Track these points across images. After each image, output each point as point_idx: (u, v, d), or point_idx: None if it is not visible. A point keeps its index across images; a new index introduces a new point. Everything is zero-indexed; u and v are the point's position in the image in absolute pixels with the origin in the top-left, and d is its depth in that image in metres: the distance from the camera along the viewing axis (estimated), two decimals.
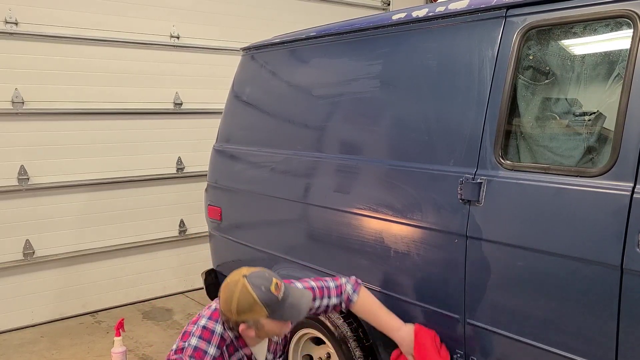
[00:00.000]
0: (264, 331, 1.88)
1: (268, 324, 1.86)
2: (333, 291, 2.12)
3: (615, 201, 1.55)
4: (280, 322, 1.89)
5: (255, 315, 1.83)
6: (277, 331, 1.91)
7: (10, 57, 3.90)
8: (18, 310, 4.09)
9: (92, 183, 4.30)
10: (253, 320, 1.85)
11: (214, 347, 1.89)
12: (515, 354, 1.82)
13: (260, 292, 1.83)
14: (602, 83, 1.77)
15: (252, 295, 1.82)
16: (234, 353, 1.95)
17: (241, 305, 1.83)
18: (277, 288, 1.86)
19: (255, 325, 1.86)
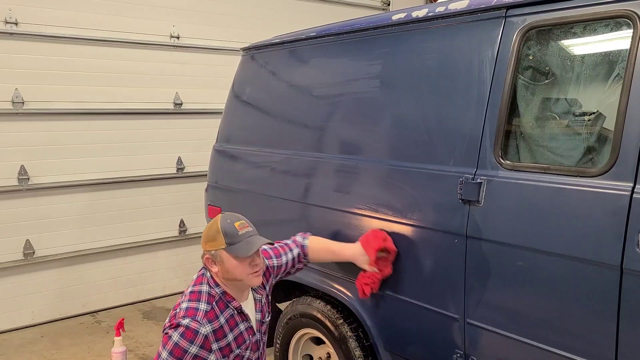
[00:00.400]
0: (224, 268, 1.96)
1: (227, 258, 1.95)
2: (292, 244, 2.32)
3: (615, 201, 1.55)
4: (237, 260, 1.95)
5: (216, 244, 1.96)
6: (237, 272, 1.96)
7: (10, 57, 3.90)
8: (18, 310, 4.10)
9: (92, 183, 4.31)
10: (215, 251, 1.96)
11: (204, 302, 1.97)
12: (515, 354, 1.82)
13: (225, 223, 1.98)
14: (602, 83, 1.77)
15: (218, 224, 1.98)
16: (225, 309, 2.01)
17: (209, 234, 1.99)
18: (242, 226, 1.99)
19: (216, 258, 1.97)
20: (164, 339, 1.92)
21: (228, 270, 1.97)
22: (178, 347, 1.88)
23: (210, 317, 1.95)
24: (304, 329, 2.63)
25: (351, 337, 2.37)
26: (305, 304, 2.60)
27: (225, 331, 1.99)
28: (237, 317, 2.04)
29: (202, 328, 1.91)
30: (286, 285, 2.80)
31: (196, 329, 1.90)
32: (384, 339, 2.29)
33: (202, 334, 1.91)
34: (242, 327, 2.05)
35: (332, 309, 2.47)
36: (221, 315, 1.99)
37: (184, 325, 1.90)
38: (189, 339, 1.89)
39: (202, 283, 2.03)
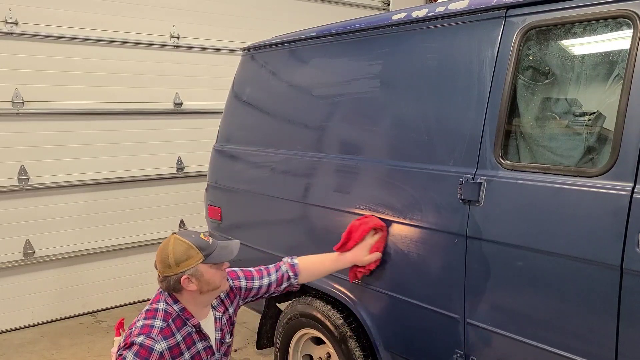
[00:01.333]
0: (204, 280, 1.92)
1: (206, 270, 1.92)
2: (272, 269, 2.24)
3: (615, 201, 1.55)
4: (216, 268, 1.95)
5: (192, 261, 1.90)
6: (217, 280, 1.96)
7: (10, 57, 3.90)
8: (18, 310, 4.10)
9: (92, 183, 4.31)
10: (192, 268, 1.90)
11: (160, 320, 1.92)
12: (515, 354, 1.82)
13: (192, 239, 1.94)
14: (602, 83, 1.77)
15: (186, 242, 1.92)
16: (182, 327, 1.96)
17: (177, 255, 1.90)
18: (205, 236, 1.98)
19: (194, 275, 1.91)
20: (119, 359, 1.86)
21: (209, 282, 1.94)
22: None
23: (165, 333, 1.90)
24: (304, 329, 2.63)
25: (351, 337, 2.37)
26: (305, 304, 2.60)
27: (182, 349, 1.94)
28: (195, 336, 1.99)
29: (157, 345, 1.86)
30: None
31: (150, 346, 1.84)
32: (384, 339, 2.29)
33: (157, 350, 1.85)
34: (200, 346, 2.00)
35: (332, 309, 2.47)
36: (177, 333, 1.93)
37: (137, 343, 1.84)
38: (143, 356, 1.83)
39: (160, 301, 1.97)
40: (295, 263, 2.26)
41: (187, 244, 1.92)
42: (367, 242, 2.20)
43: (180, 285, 1.92)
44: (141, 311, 1.99)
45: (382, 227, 2.18)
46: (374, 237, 2.20)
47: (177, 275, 1.91)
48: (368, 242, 2.20)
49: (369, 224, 2.18)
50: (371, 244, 2.19)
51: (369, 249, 2.19)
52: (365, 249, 2.20)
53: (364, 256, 2.20)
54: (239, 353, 3.68)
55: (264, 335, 2.94)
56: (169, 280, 1.93)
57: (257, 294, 2.22)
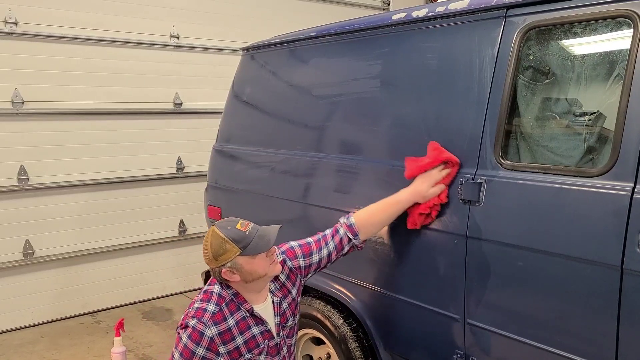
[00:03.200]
0: (245, 272, 1.90)
1: (245, 262, 1.89)
2: (329, 235, 2.14)
3: (615, 201, 1.55)
4: (256, 258, 1.90)
5: (230, 254, 1.87)
6: (259, 270, 1.91)
7: (10, 57, 3.90)
8: (18, 310, 4.09)
9: (92, 183, 4.30)
10: (230, 261, 1.88)
11: (213, 304, 1.94)
12: (515, 354, 1.82)
13: (227, 231, 1.89)
14: (602, 83, 1.77)
15: (221, 236, 1.89)
16: (236, 311, 1.96)
17: (215, 249, 1.89)
18: (243, 225, 1.92)
19: (234, 267, 1.89)
20: (177, 338, 1.92)
21: (251, 272, 1.91)
22: (186, 349, 1.88)
23: (217, 319, 1.92)
24: (304, 329, 2.63)
25: (351, 337, 2.37)
26: (305, 304, 2.60)
27: (234, 334, 1.94)
28: (250, 320, 1.97)
29: (207, 330, 1.88)
30: None
31: (201, 331, 1.88)
32: (384, 339, 2.29)
33: (208, 336, 1.88)
34: (256, 330, 1.98)
35: (332, 309, 2.47)
36: (230, 318, 1.94)
37: (190, 326, 1.89)
38: (195, 340, 1.88)
39: (216, 283, 1.99)
40: (352, 223, 2.10)
41: (222, 238, 1.89)
42: (432, 175, 1.96)
43: (223, 278, 1.92)
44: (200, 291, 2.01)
45: (455, 162, 1.93)
46: (441, 172, 1.95)
47: (218, 269, 1.91)
48: (433, 174, 1.96)
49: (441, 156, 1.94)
50: (437, 179, 1.95)
51: (432, 183, 1.95)
52: (429, 182, 1.96)
53: (426, 190, 1.97)
54: None
55: None
56: (214, 272, 1.94)
57: (319, 267, 2.14)
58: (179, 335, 1.91)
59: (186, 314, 1.95)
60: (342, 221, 2.13)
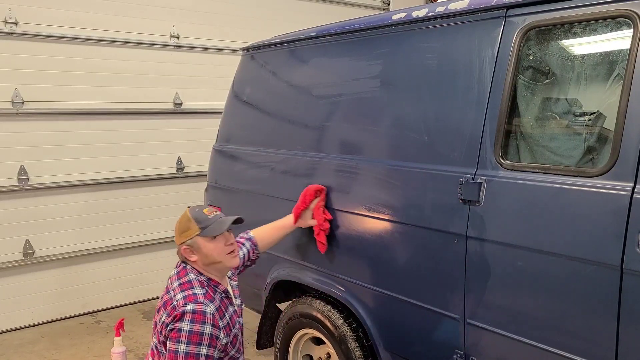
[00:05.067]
0: (202, 254, 2.05)
1: (203, 244, 2.04)
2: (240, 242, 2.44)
3: (615, 201, 1.55)
4: (213, 243, 2.05)
5: (190, 232, 2.05)
6: (214, 254, 2.06)
7: (10, 57, 3.90)
8: (18, 310, 4.09)
9: (92, 183, 4.30)
10: (191, 239, 2.05)
11: (198, 287, 2.04)
12: (515, 354, 1.82)
13: (194, 212, 2.10)
14: (602, 83, 1.77)
15: (188, 215, 2.09)
16: (215, 293, 2.08)
17: (180, 226, 2.09)
18: (209, 211, 2.12)
19: (193, 246, 2.05)
20: (174, 335, 1.90)
21: (207, 255, 2.05)
22: (194, 334, 1.89)
23: (209, 297, 2.01)
24: (304, 329, 2.63)
25: (351, 337, 2.37)
26: (305, 304, 2.60)
27: (223, 311, 2.06)
28: (226, 300, 2.12)
29: (207, 308, 1.95)
30: (286, 285, 2.80)
31: (203, 310, 1.93)
32: (384, 339, 2.29)
33: (210, 312, 1.95)
34: (231, 310, 2.13)
35: (332, 309, 2.47)
36: (215, 298, 2.06)
37: (189, 311, 1.91)
38: (200, 321, 1.91)
39: (188, 274, 2.08)
40: (251, 236, 2.48)
41: (188, 217, 2.08)
42: (307, 210, 2.48)
43: (182, 255, 2.09)
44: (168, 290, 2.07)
45: (321, 189, 2.46)
46: (314, 202, 2.46)
47: (180, 246, 2.08)
48: (308, 210, 2.48)
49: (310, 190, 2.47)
50: (312, 207, 2.46)
51: (309, 216, 2.48)
52: (307, 217, 2.48)
53: (308, 218, 2.48)
54: None
55: (264, 335, 2.93)
56: (178, 250, 2.11)
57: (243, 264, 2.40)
58: (176, 328, 1.90)
59: (171, 308, 1.96)
60: (242, 235, 2.48)
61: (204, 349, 1.90)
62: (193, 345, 1.88)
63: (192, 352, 1.88)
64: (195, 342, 1.88)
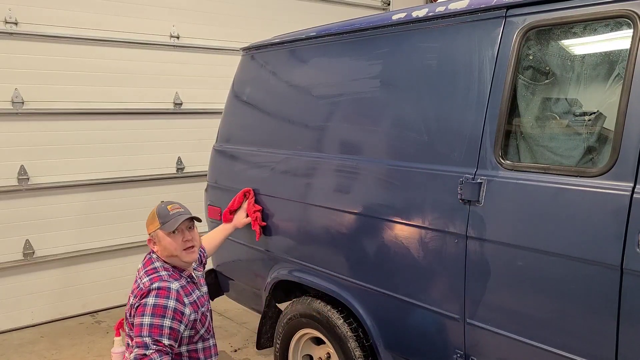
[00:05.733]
0: (162, 245, 2.22)
1: (163, 237, 2.21)
2: None
3: (615, 201, 1.55)
4: (170, 237, 2.20)
5: (154, 226, 2.24)
6: (171, 247, 2.21)
7: (10, 57, 3.90)
8: (18, 310, 4.09)
9: (92, 183, 4.30)
10: (154, 232, 2.24)
11: (163, 271, 2.21)
12: (515, 354, 1.82)
13: (159, 207, 2.29)
14: (602, 83, 1.77)
15: (155, 210, 2.28)
16: (179, 278, 2.23)
17: (148, 219, 2.29)
18: (173, 208, 2.27)
19: (154, 238, 2.25)
20: (139, 310, 2.04)
21: (165, 247, 2.21)
22: (157, 307, 2.03)
23: (174, 277, 2.19)
24: (304, 329, 2.63)
25: (351, 337, 2.37)
26: (305, 304, 2.60)
27: (189, 290, 2.23)
28: (191, 285, 2.27)
29: (172, 284, 2.12)
30: (286, 285, 2.80)
31: (167, 286, 2.10)
32: (384, 339, 2.29)
33: (174, 289, 2.11)
34: (197, 293, 2.28)
35: (332, 309, 2.47)
36: (180, 278, 2.22)
37: (154, 288, 2.08)
38: (164, 295, 2.06)
39: (153, 262, 2.24)
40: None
41: (154, 212, 2.27)
42: (242, 207, 2.82)
43: (149, 245, 2.28)
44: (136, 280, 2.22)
45: (248, 191, 2.85)
46: (244, 204, 2.83)
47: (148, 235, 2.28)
48: (243, 207, 2.82)
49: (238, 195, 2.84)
50: (245, 207, 2.82)
51: (243, 214, 2.82)
52: (241, 215, 2.83)
53: (242, 218, 2.81)
54: (239, 353, 3.68)
55: (264, 335, 2.93)
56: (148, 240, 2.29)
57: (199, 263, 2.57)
58: (141, 304, 2.05)
59: (139, 290, 2.11)
60: None
61: (167, 321, 2.02)
62: (157, 317, 2.00)
63: (156, 324, 1.99)
64: (159, 315, 2.01)
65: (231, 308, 4.33)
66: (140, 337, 1.98)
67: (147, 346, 1.97)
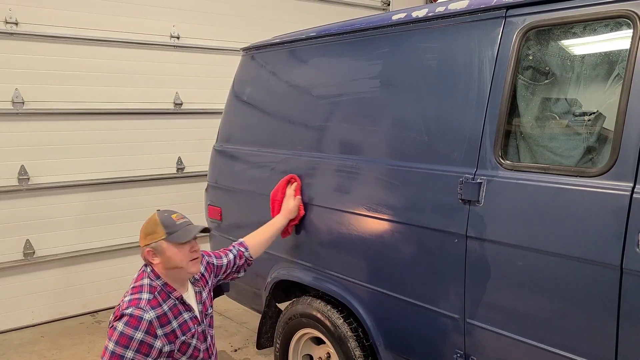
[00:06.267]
0: (165, 257, 2.06)
1: (168, 248, 2.05)
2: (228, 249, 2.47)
3: (615, 201, 1.55)
4: (178, 246, 2.06)
5: (156, 236, 2.06)
6: (177, 259, 2.06)
7: (10, 57, 3.90)
8: (18, 310, 4.10)
9: (92, 183, 4.31)
10: (155, 242, 2.06)
11: (146, 293, 2.04)
12: (515, 354, 1.82)
13: (162, 216, 2.12)
14: (602, 83, 1.77)
15: (156, 219, 2.11)
16: (167, 299, 2.07)
17: (147, 229, 2.11)
18: (178, 217, 2.13)
19: (157, 249, 2.06)
20: (109, 332, 1.98)
21: (169, 259, 2.06)
22: (123, 336, 1.93)
23: (153, 304, 2.02)
24: (304, 329, 2.64)
25: (351, 337, 2.37)
26: (305, 304, 2.60)
27: (169, 318, 2.05)
28: (180, 307, 2.11)
29: (146, 314, 1.98)
30: (286, 285, 2.80)
31: (140, 316, 1.97)
32: (384, 339, 2.29)
33: (146, 319, 1.97)
34: (186, 316, 2.11)
35: (332, 309, 2.47)
36: (164, 304, 2.05)
37: (127, 314, 1.96)
38: (133, 325, 1.95)
39: (143, 278, 2.10)
40: (242, 241, 2.51)
41: (155, 220, 2.10)
42: (288, 194, 2.58)
43: (145, 257, 2.10)
44: (126, 291, 2.10)
45: (293, 177, 2.60)
46: (292, 187, 2.58)
47: (144, 248, 2.09)
48: (288, 193, 2.58)
49: (282, 182, 2.61)
50: (291, 193, 2.57)
51: (291, 198, 2.56)
52: (289, 200, 2.57)
53: (293, 205, 2.55)
54: (239, 353, 3.68)
55: (264, 335, 2.94)
56: (141, 251, 2.11)
57: (226, 271, 2.42)
58: (112, 327, 1.97)
59: (118, 307, 2.01)
60: (234, 243, 2.51)
61: (130, 353, 1.93)
62: (120, 347, 1.93)
63: (117, 353, 1.93)
64: (123, 345, 1.93)
65: (231, 308, 4.33)
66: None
67: None
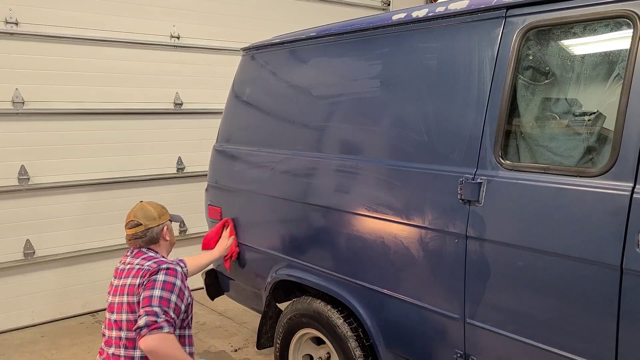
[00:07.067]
0: (172, 234, 2.51)
1: (171, 227, 2.53)
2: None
3: (615, 201, 1.55)
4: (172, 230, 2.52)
5: (166, 216, 2.51)
6: (173, 239, 2.55)
7: (10, 57, 3.90)
8: (18, 310, 4.10)
9: (92, 183, 4.31)
10: (167, 221, 2.50)
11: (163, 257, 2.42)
12: (515, 354, 1.82)
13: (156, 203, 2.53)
14: (602, 83, 1.77)
15: (156, 203, 2.53)
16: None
17: (157, 210, 2.47)
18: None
19: (169, 228, 2.50)
20: (148, 284, 2.21)
21: (172, 237, 2.52)
22: (167, 283, 2.21)
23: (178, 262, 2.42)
24: (304, 329, 2.64)
25: (351, 337, 2.38)
26: (305, 304, 2.60)
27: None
28: None
29: (179, 268, 2.32)
30: (286, 285, 2.80)
31: (175, 268, 2.29)
32: (384, 339, 2.29)
33: (180, 272, 2.31)
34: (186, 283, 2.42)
35: (332, 309, 2.47)
36: None
37: (164, 268, 2.26)
38: (172, 274, 2.26)
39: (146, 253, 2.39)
40: (182, 259, 2.72)
41: (158, 204, 2.50)
42: (224, 235, 3.02)
43: (162, 234, 2.45)
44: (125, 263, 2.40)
45: (227, 221, 3.05)
46: (227, 230, 3.03)
47: (159, 226, 2.44)
48: (224, 235, 3.02)
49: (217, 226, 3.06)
50: (227, 234, 3.01)
51: (227, 238, 3.00)
52: (225, 239, 3.01)
53: (226, 244, 2.99)
54: (239, 353, 3.68)
55: (264, 335, 2.94)
56: (152, 232, 2.42)
57: None
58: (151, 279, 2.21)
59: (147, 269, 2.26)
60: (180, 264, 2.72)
61: (174, 297, 2.20)
62: (166, 291, 2.18)
63: (165, 297, 2.17)
64: (168, 290, 2.19)
65: (231, 308, 4.34)
66: (150, 307, 2.14)
67: (158, 315, 2.13)
